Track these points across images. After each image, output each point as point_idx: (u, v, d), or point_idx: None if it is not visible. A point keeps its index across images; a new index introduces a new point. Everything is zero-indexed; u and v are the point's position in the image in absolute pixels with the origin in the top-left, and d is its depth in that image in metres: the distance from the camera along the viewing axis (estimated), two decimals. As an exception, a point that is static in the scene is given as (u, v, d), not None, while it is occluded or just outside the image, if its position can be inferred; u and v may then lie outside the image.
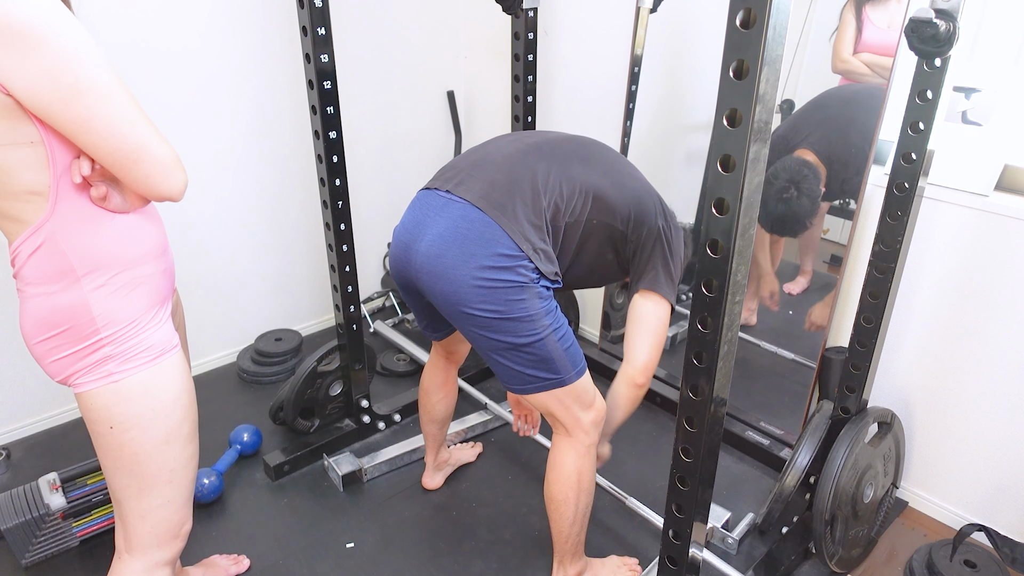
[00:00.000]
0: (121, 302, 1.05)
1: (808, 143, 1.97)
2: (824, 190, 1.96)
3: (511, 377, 1.44)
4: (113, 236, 1.04)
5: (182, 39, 2.12)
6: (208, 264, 2.42)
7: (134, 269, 1.07)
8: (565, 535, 1.56)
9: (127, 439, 1.09)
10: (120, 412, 1.08)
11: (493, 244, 1.34)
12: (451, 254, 1.36)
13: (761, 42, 0.79)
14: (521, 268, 1.35)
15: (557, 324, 1.40)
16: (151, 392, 1.09)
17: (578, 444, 1.49)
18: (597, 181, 1.46)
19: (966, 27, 1.33)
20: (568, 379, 1.42)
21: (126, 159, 0.96)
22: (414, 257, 1.42)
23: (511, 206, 1.38)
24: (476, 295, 1.34)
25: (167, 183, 1.01)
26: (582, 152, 1.52)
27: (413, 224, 1.45)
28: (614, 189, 1.47)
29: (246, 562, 1.75)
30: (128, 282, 1.06)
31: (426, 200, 1.46)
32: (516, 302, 1.34)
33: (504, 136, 1.59)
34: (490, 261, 1.33)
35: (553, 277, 1.42)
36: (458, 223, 1.37)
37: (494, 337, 1.38)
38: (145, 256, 1.09)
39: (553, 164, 1.46)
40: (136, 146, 0.96)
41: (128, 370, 1.07)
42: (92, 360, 1.05)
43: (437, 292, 1.40)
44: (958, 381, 1.81)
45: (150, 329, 1.09)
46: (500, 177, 1.42)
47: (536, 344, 1.37)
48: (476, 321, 1.37)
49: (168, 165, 1.00)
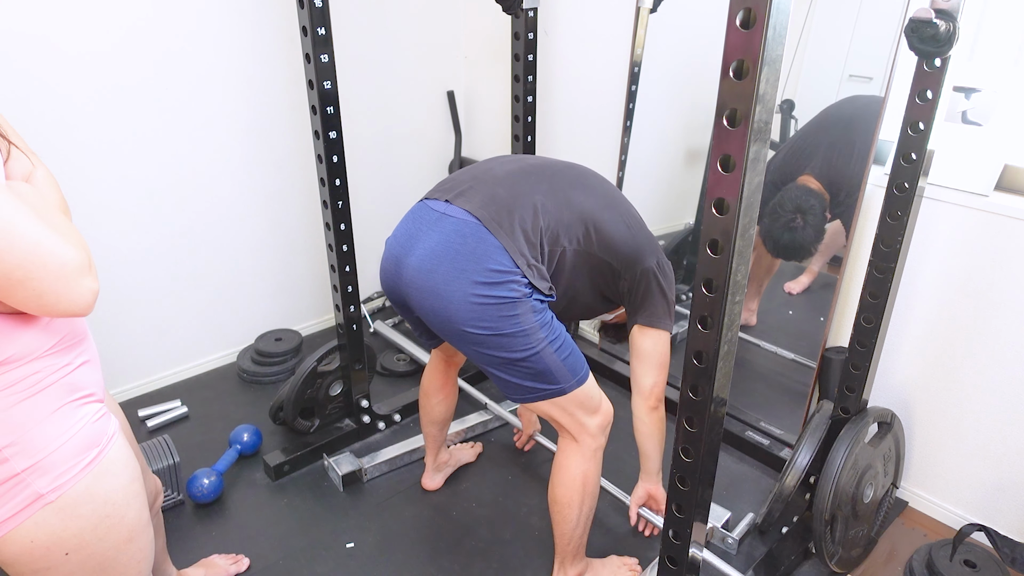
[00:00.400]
0: (20, 406, 0.86)
1: (811, 169, 1.98)
2: (829, 215, 1.97)
3: (510, 388, 1.43)
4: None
5: (182, 39, 2.11)
6: (208, 264, 2.42)
7: (24, 366, 0.87)
8: (568, 537, 1.56)
9: (87, 556, 0.94)
10: (73, 533, 0.91)
11: (485, 259, 1.32)
12: (442, 270, 1.34)
13: (761, 42, 0.79)
14: (513, 284, 1.33)
15: (553, 336, 1.39)
16: (99, 497, 0.93)
17: (584, 448, 1.49)
18: (599, 214, 1.46)
19: (966, 27, 1.33)
20: (568, 388, 1.42)
21: (6, 280, 0.77)
22: (404, 271, 1.41)
23: (509, 221, 1.37)
24: (467, 312, 1.33)
25: (67, 299, 0.82)
26: (585, 182, 1.51)
27: (405, 237, 1.43)
28: (612, 224, 1.47)
29: (246, 562, 1.75)
30: (22, 383, 0.86)
31: (420, 213, 1.45)
32: (509, 318, 1.33)
33: (505, 156, 1.60)
34: (482, 277, 1.32)
35: (547, 292, 1.40)
36: (451, 238, 1.36)
37: (488, 352, 1.37)
38: (39, 351, 0.89)
39: (556, 188, 1.45)
40: (17, 262, 0.77)
41: (65, 482, 0.89)
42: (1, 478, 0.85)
43: (427, 308, 1.38)
44: (958, 381, 1.81)
45: (74, 428, 0.91)
46: (502, 192, 1.41)
47: (532, 358, 1.36)
48: (469, 337, 1.36)
49: (68, 275, 0.81)
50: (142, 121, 2.11)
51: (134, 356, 2.36)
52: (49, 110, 1.94)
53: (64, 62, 1.92)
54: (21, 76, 1.87)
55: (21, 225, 0.78)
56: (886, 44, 1.75)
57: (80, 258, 0.83)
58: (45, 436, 0.88)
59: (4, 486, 0.86)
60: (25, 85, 1.88)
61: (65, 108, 1.97)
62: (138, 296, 2.29)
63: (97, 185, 2.09)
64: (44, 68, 1.90)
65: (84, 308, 0.85)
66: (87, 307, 0.85)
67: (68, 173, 2.01)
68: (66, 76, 1.94)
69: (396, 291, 1.47)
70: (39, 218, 0.80)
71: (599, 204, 1.48)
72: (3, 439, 0.85)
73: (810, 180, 1.97)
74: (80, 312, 0.85)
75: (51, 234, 0.80)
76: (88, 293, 0.84)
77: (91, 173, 2.07)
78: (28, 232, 0.78)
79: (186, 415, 2.31)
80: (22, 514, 0.87)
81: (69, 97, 1.96)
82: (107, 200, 2.12)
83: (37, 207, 0.82)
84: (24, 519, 0.88)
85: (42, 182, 0.93)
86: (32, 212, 0.80)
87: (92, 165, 2.06)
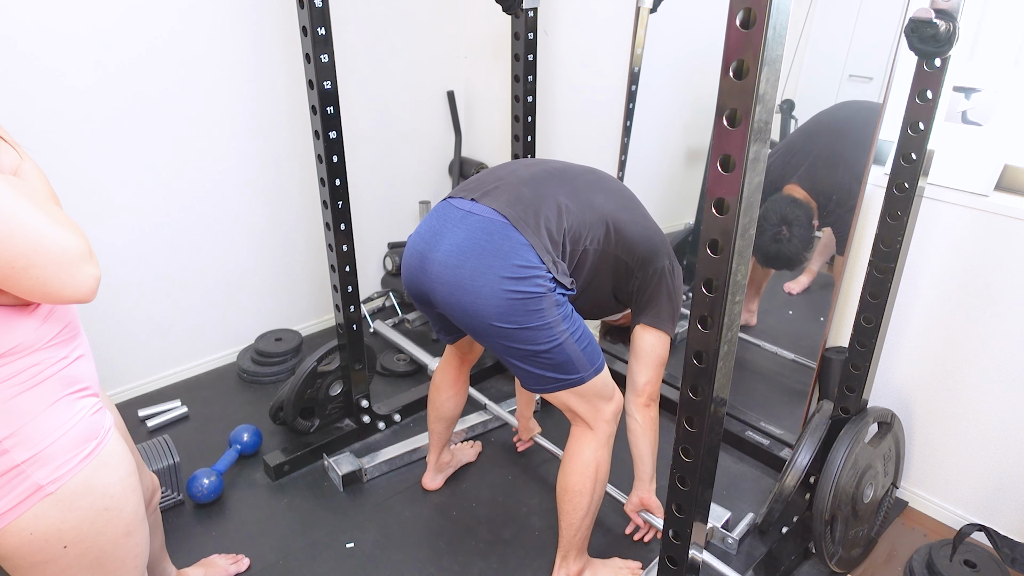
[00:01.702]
0: (20, 398, 0.87)
1: (797, 178, 1.98)
2: (817, 223, 1.96)
3: (530, 380, 1.46)
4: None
5: (181, 39, 2.11)
6: (208, 264, 2.42)
7: (24, 358, 0.88)
8: (576, 527, 1.57)
9: (85, 549, 0.95)
10: (72, 526, 0.92)
11: (511, 255, 1.35)
12: (469, 265, 1.36)
13: (761, 42, 0.79)
14: (539, 279, 1.36)
15: (574, 327, 1.42)
16: (97, 490, 0.94)
17: (600, 434, 1.53)
18: (619, 215, 1.50)
19: (966, 27, 1.33)
20: (587, 377, 1.45)
21: (10, 268, 0.79)
22: (429, 267, 1.43)
23: (535, 220, 1.40)
24: (495, 307, 1.35)
25: (71, 285, 0.83)
26: (604, 186, 1.56)
27: (430, 234, 1.45)
28: (632, 225, 1.52)
29: (246, 562, 1.75)
30: (22, 374, 0.87)
31: (445, 211, 1.47)
32: (534, 312, 1.36)
33: (527, 159, 1.65)
34: (509, 272, 1.34)
35: (569, 286, 1.44)
36: (477, 234, 1.38)
37: (513, 345, 1.40)
38: (39, 343, 0.90)
39: (578, 190, 1.50)
40: (20, 251, 0.78)
41: (64, 474, 0.90)
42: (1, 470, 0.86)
43: (453, 303, 1.40)
44: (958, 381, 1.81)
45: (73, 420, 0.92)
46: (527, 192, 1.45)
47: (555, 349, 1.39)
48: (494, 331, 1.38)
49: (70, 262, 0.83)
50: (141, 121, 2.11)
51: (134, 356, 2.36)
52: (49, 109, 1.94)
53: (64, 62, 1.93)
54: (21, 76, 1.87)
55: (21, 214, 0.79)
56: (886, 44, 1.75)
57: (80, 245, 0.84)
58: (44, 428, 0.88)
59: (4, 478, 0.86)
60: (24, 86, 1.88)
61: (65, 108, 1.97)
62: (138, 296, 2.29)
63: (97, 185, 2.09)
64: (44, 68, 1.90)
65: (88, 294, 0.86)
66: (90, 292, 0.86)
67: (67, 173, 2.01)
68: (66, 77, 1.94)
69: (419, 287, 1.48)
70: (39, 208, 0.81)
71: (618, 206, 1.52)
72: (3, 430, 0.86)
73: (796, 189, 1.97)
74: (84, 298, 0.86)
75: (51, 222, 0.81)
76: (91, 279, 0.86)
77: (91, 173, 2.07)
78: (29, 221, 0.79)
79: (186, 415, 2.31)
80: (22, 506, 0.88)
81: (69, 97, 1.97)
82: (107, 200, 2.12)
83: (34, 198, 0.83)
84: (24, 511, 0.88)
85: (30, 175, 0.93)
86: (31, 202, 0.81)
87: (91, 165, 2.06)
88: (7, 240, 0.77)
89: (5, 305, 0.86)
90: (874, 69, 1.86)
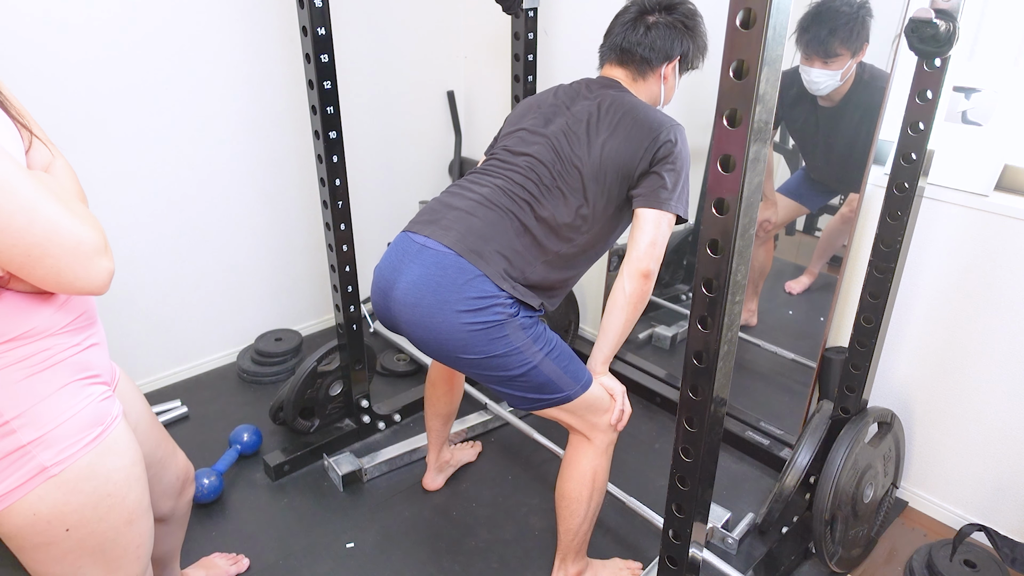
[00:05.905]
0: (30, 380, 0.89)
1: None
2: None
3: (515, 401, 1.45)
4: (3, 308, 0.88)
5: (182, 40, 2.11)
6: (208, 264, 2.42)
7: (37, 342, 0.90)
8: (572, 533, 1.57)
9: (86, 533, 0.96)
10: (74, 509, 0.93)
11: (465, 288, 1.34)
12: (426, 303, 1.36)
13: (761, 42, 0.79)
14: (497, 307, 1.34)
15: (549, 347, 1.40)
16: (100, 475, 0.95)
17: (597, 445, 1.50)
18: (607, 158, 1.41)
19: (966, 27, 1.33)
20: (573, 394, 1.42)
21: (26, 257, 0.80)
22: (392, 304, 1.43)
23: (487, 249, 1.37)
24: (457, 340, 1.35)
25: (84, 277, 0.85)
26: (584, 132, 1.45)
27: (390, 269, 1.44)
28: (615, 152, 1.42)
29: (246, 562, 1.75)
30: (33, 357, 0.89)
31: (404, 245, 1.45)
32: (498, 340, 1.34)
33: (486, 166, 1.53)
34: (464, 305, 1.33)
35: (537, 307, 1.42)
36: (431, 270, 1.37)
37: (487, 373, 1.39)
38: (52, 329, 0.92)
39: (545, 192, 1.43)
40: (36, 240, 0.80)
41: (68, 456, 0.91)
42: (6, 450, 0.88)
43: (417, 338, 1.41)
44: (958, 381, 1.81)
45: (80, 405, 0.93)
46: (477, 223, 1.40)
47: (531, 372, 1.37)
48: (465, 362, 1.38)
49: (85, 254, 0.84)
50: (141, 121, 2.11)
51: (134, 356, 2.36)
52: (50, 109, 1.94)
53: (64, 61, 1.93)
54: (22, 77, 1.87)
55: (41, 206, 0.81)
56: (886, 44, 1.75)
57: (96, 239, 0.86)
58: (52, 410, 0.90)
59: (10, 458, 0.88)
60: (24, 86, 1.88)
61: (65, 108, 1.97)
62: (138, 296, 2.29)
63: (96, 185, 2.08)
64: (44, 68, 1.90)
65: (100, 286, 0.88)
66: (103, 285, 0.88)
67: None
68: (66, 76, 1.94)
69: (388, 319, 1.48)
70: (58, 201, 0.83)
71: (601, 152, 1.42)
72: (12, 411, 0.87)
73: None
74: (97, 290, 0.88)
75: (69, 215, 0.83)
76: (104, 272, 0.87)
77: (90, 174, 2.06)
78: (48, 213, 0.81)
79: (186, 415, 2.31)
80: (26, 486, 0.89)
81: (69, 97, 1.97)
82: (107, 200, 2.12)
83: (56, 192, 0.85)
84: (28, 491, 0.89)
85: (61, 172, 0.96)
86: (53, 195, 0.83)
87: (91, 165, 2.06)
88: (26, 229, 0.79)
89: (22, 291, 0.88)
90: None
